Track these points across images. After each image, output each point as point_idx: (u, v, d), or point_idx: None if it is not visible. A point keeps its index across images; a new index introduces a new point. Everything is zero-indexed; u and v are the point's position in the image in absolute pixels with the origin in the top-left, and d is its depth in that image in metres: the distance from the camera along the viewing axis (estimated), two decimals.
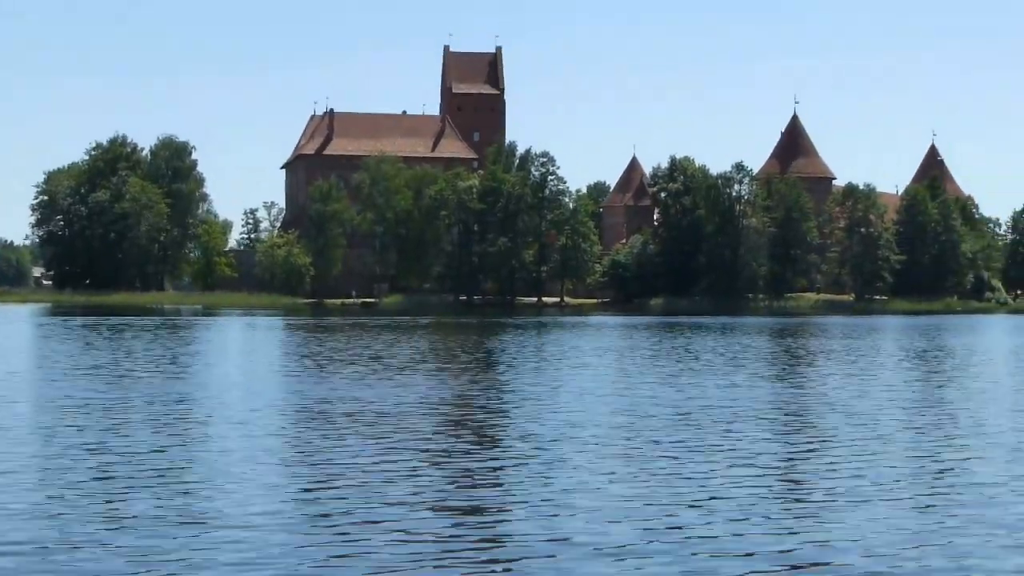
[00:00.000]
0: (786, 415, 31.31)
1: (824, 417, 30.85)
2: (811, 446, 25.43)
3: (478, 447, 24.59)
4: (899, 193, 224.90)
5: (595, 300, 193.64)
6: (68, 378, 40.62)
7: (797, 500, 19.17)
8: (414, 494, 19.04)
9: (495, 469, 21.85)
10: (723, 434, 26.70)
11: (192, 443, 24.91)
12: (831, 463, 22.83)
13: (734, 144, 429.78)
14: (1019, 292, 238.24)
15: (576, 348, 64.96)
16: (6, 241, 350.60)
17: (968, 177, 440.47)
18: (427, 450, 24.03)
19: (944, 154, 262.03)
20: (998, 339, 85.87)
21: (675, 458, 22.87)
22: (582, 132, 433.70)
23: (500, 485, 20.35)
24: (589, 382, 41.64)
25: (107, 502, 18.21)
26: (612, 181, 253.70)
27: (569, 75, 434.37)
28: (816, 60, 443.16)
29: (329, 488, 19.55)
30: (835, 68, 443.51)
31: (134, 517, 17.12)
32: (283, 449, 24.24)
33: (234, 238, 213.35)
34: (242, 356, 58.24)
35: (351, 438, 25.45)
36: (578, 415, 30.21)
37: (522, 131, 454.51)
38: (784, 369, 51.01)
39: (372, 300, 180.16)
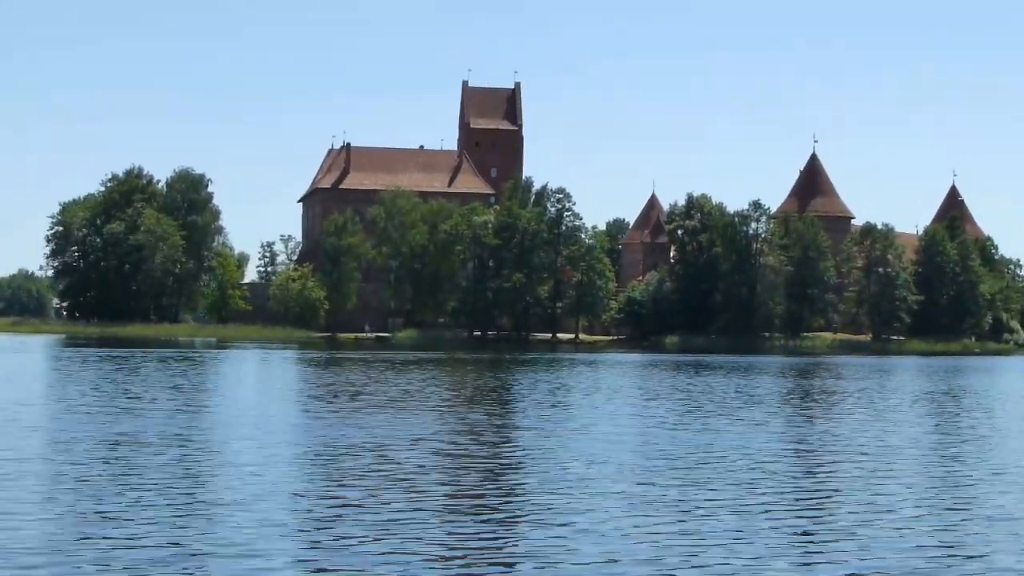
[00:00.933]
0: (800, 459, 32.12)
1: (836, 462, 31.53)
2: (821, 491, 26.14)
3: (489, 489, 25.41)
4: (919, 233, 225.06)
5: (610, 337, 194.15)
6: (72, 411, 41.38)
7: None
8: (419, 536, 19.73)
9: (506, 516, 22.31)
10: (732, 477, 27.46)
11: (202, 479, 25.68)
12: (841, 505, 23.72)
13: (753, 183, 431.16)
14: None
15: (580, 386, 65.48)
16: (28, 272, 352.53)
17: (989, 218, 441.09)
18: (434, 491, 24.73)
19: (965, 195, 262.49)
20: (1012, 381, 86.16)
21: (684, 504, 23.55)
22: (601, 169, 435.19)
23: (511, 529, 20.98)
24: (596, 420, 42.18)
25: (106, 537, 18.98)
26: (631, 218, 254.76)
27: (588, 111, 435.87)
28: (837, 99, 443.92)
29: (341, 525, 20.36)
30: (856, 107, 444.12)
31: (139, 548, 17.78)
32: (294, 487, 24.96)
33: (252, 271, 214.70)
34: (254, 391, 58.89)
35: (361, 476, 26.20)
36: (585, 454, 30.88)
37: (540, 167, 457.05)
38: (798, 410, 51.45)
39: (386, 335, 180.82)
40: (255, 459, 29.03)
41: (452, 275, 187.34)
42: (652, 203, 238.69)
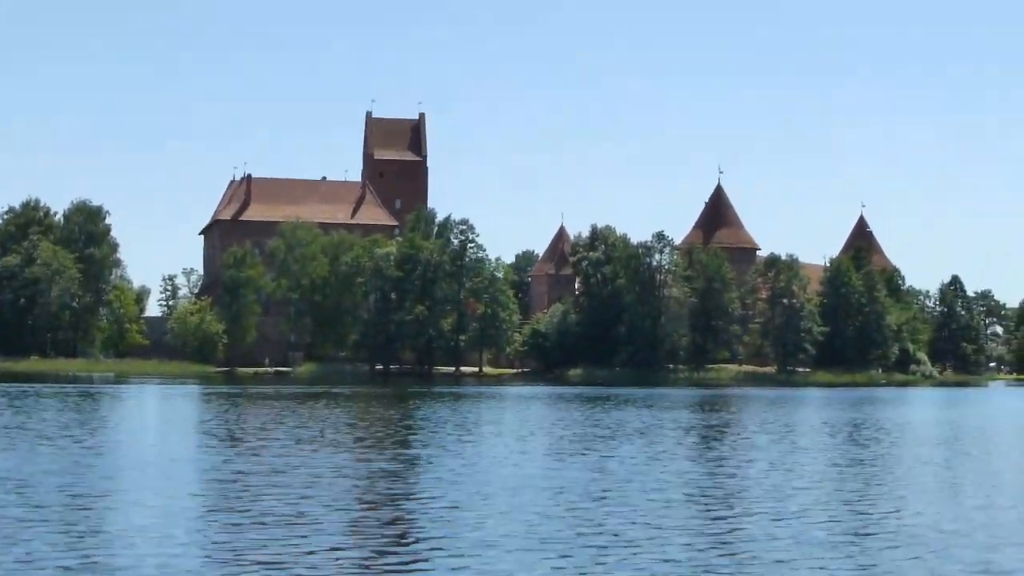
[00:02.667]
0: (697, 491, 33.05)
1: (733, 493, 32.54)
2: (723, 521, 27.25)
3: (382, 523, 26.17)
4: (827, 264, 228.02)
5: (515, 370, 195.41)
6: None
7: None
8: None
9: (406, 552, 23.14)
10: (626, 511, 28.27)
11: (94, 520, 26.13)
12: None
13: (662, 214, 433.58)
14: (946, 366, 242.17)
15: (462, 421, 66.48)
16: None
17: (897, 249, 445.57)
18: (328, 528, 25.31)
19: (873, 226, 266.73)
20: (907, 413, 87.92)
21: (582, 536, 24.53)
22: (511, 201, 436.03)
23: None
24: (478, 455, 43.18)
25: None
26: (542, 250, 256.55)
27: (497, 142, 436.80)
28: (743, 130, 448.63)
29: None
30: (763, 138, 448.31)
31: None
32: (190, 524, 25.61)
33: (153, 304, 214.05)
34: (142, 429, 58.92)
35: (257, 519, 26.40)
36: (471, 490, 31.73)
37: (447, 199, 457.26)
38: (684, 444, 52.47)
39: (286, 369, 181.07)
40: (147, 506, 28.82)
41: (353, 308, 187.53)
42: (561, 235, 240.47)
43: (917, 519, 27.51)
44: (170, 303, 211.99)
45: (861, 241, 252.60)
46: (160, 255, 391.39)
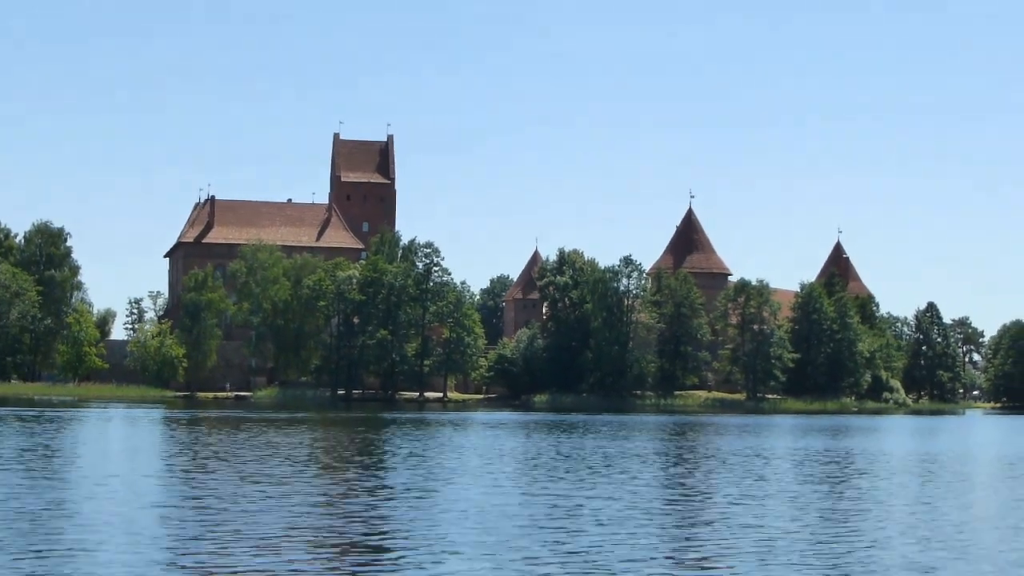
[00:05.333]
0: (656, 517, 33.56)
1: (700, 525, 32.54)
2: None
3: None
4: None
5: (481, 396, 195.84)
6: None
7: None
8: None
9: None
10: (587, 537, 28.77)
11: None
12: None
13: (636, 238, 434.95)
14: (922, 394, 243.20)
15: (405, 450, 67.11)
16: None
17: (876, 275, 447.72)
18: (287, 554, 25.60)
19: (851, 252, 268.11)
20: (871, 442, 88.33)
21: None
22: (487, 225, 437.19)
23: None
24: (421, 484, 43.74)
25: None
26: (517, 275, 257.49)
27: (470, 165, 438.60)
28: (720, 155, 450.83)
29: None
30: (738, 162, 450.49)
31: None
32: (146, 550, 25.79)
33: (120, 328, 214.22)
34: (93, 454, 59.19)
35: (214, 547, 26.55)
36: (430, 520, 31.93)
37: (417, 222, 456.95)
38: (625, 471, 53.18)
39: (246, 394, 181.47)
40: (103, 529, 28.89)
41: (316, 332, 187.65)
42: (535, 259, 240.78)
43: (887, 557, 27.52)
44: (135, 327, 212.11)
45: (836, 267, 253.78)
46: (128, 278, 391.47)
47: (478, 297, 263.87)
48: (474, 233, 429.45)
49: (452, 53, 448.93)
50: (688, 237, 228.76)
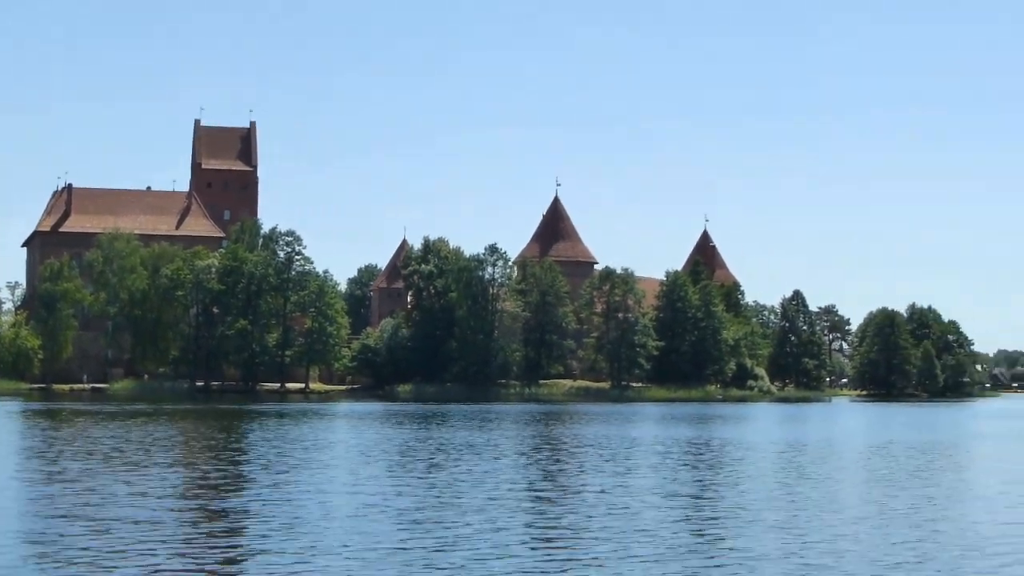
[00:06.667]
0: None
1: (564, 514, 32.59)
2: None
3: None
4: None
5: (345, 386, 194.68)
6: None
7: None
8: None
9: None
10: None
11: None
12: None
13: (503, 227, 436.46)
14: (788, 381, 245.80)
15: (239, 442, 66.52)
16: None
17: (742, 264, 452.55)
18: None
19: (717, 240, 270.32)
20: (734, 431, 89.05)
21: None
22: (355, 214, 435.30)
23: None
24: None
25: None
26: (385, 264, 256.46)
27: (340, 154, 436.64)
28: (589, 142, 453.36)
29: None
30: (604, 149, 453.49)
31: None
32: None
33: None
34: None
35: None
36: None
37: (283, 211, 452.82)
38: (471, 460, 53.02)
39: (104, 386, 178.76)
40: None
41: (174, 322, 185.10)
42: (403, 248, 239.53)
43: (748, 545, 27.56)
44: None
45: (703, 256, 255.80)
46: None
47: (345, 287, 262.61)
48: (343, 222, 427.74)
49: (316, 38, 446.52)
50: (554, 226, 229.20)
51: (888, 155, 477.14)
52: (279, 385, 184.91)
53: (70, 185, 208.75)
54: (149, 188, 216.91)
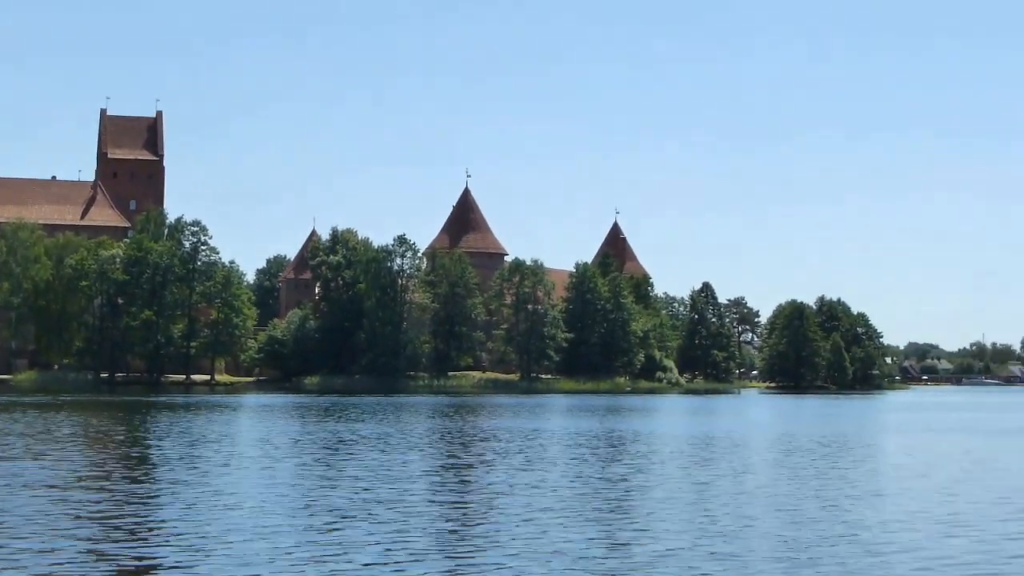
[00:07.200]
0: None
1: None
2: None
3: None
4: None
5: (252, 378, 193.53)
6: None
7: None
8: None
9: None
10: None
11: None
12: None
13: (413, 218, 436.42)
14: (697, 373, 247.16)
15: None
16: None
17: (654, 256, 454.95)
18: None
19: (628, 232, 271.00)
20: (639, 423, 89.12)
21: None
22: (265, 203, 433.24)
23: None
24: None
25: None
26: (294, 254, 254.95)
27: (250, 144, 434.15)
28: (495, 135, 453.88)
29: None
30: (515, 142, 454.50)
31: None
32: None
33: None
34: None
35: None
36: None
37: (191, 201, 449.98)
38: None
39: (6, 377, 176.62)
40: None
41: (79, 313, 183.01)
42: (312, 239, 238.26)
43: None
44: None
45: (613, 248, 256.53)
46: None
47: (254, 278, 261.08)
48: (253, 212, 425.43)
49: (225, 27, 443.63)
50: (464, 217, 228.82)
51: (796, 148, 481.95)
52: (184, 377, 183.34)
53: None
54: (54, 178, 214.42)
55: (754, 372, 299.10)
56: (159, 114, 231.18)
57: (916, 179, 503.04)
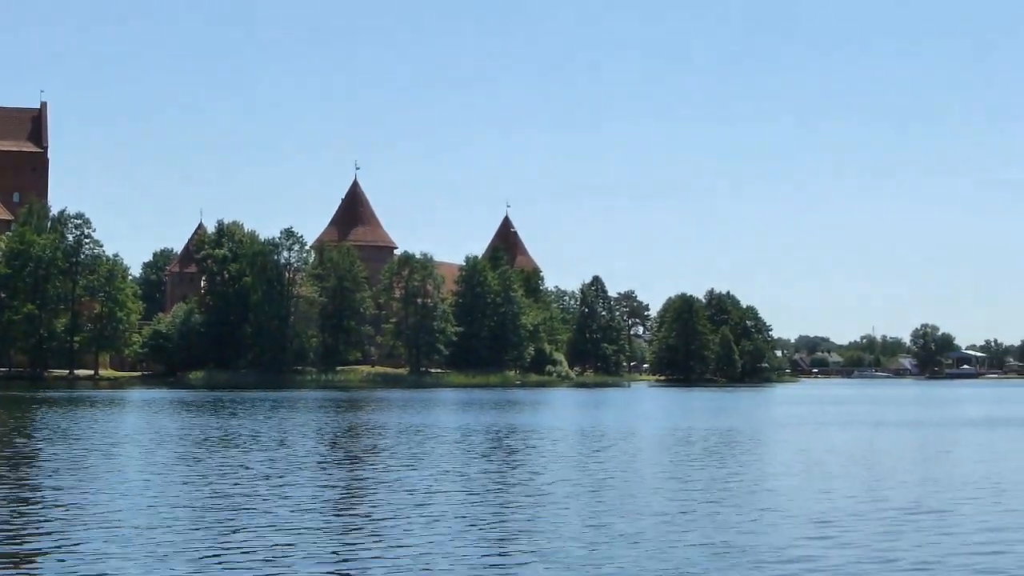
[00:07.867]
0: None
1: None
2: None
3: None
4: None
5: (137, 373, 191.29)
6: None
7: None
8: None
9: None
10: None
11: None
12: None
13: (302, 211, 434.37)
14: (588, 366, 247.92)
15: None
16: None
17: (544, 250, 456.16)
18: None
19: (519, 226, 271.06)
20: (529, 417, 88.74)
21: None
22: (153, 196, 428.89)
23: None
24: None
25: None
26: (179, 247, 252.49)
27: (139, 136, 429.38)
28: (389, 126, 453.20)
29: None
30: (407, 135, 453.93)
31: None
32: None
33: None
34: None
35: None
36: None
37: (76, 194, 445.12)
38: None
39: None
40: None
41: None
42: (199, 231, 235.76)
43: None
44: None
45: (504, 241, 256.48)
46: None
47: (140, 271, 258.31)
48: (139, 205, 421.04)
49: (111, 17, 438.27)
50: (353, 210, 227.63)
51: (686, 138, 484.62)
52: (68, 372, 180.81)
53: None
54: None
55: (644, 365, 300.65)
56: (44, 105, 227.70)
57: (809, 170, 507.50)
